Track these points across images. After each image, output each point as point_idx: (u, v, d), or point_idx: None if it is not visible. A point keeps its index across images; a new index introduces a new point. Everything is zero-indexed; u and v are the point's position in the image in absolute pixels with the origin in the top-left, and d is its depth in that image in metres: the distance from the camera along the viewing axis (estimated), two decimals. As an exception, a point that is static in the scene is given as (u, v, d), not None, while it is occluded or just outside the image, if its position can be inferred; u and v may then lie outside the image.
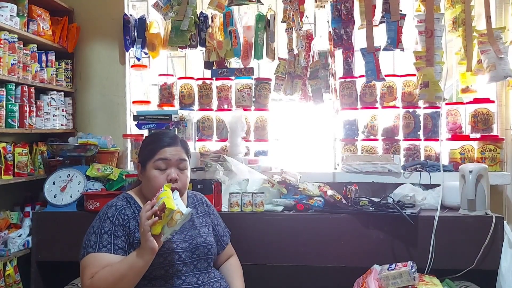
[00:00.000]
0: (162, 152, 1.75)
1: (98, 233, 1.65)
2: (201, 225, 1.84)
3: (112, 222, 1.66)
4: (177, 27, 2.83)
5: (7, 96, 2.51)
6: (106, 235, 1.64)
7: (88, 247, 1.64)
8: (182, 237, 1.74)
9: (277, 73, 2.87)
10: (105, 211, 1.71)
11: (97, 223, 1.69)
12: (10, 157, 2.52)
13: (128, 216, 1.70)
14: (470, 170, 2.25)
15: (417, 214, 2.25)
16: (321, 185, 2.46)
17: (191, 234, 1.77)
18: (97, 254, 1.62)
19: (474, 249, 2.19)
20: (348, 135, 2.89)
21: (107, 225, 1.66)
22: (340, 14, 2.79)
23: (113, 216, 1.68)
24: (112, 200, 1.76)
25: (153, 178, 1.73)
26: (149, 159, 1.75)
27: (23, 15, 2.66)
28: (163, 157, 1.74)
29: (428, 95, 2.54)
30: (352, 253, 2.28)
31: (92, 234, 1.67)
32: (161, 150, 1.75)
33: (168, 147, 1.76)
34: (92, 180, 2.65)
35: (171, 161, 1.75)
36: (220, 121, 3.04)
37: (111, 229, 1.65)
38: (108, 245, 1.63)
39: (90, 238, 1.66)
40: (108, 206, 1.73)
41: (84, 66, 3.17)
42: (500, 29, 2.59)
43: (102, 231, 1.65)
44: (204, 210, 1.91)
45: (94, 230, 1.67)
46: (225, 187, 2.52)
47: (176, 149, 1.78)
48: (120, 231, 1.66)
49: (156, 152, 1.75)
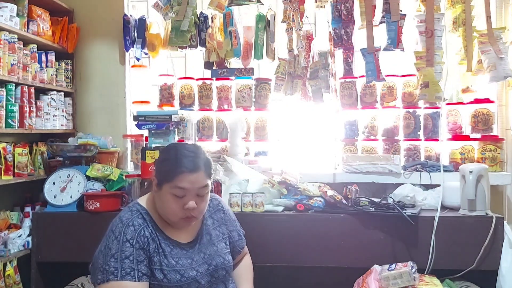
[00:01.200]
0: (181, 179, 1.54)
1: (119, 258, 1.49)
2: (218, 239, 1.74)
3: (132, 246, 1.51)
4: (177, 27, 2.83)
5: (7, 96, 2.51)
6: (128, 260, 1.50)
7: (108, 272, 1.48)
8: (201, 258, 1.65)
9: (277, 73, 2.86)
10: (122, 231, 1.53)
11: (115, 244, 1.51)
12: (10, 157, 2.52)
13: (148, 238, 1.56)
14: (470, 170, 2.25)
15: (417, 214, 2.25)
16: (321, 186, 2.46)
17: (209, 252, 1.68)
18: (121, 283, 1.48)
19: (474, 249, 2.19)
20: (348, 135, 2.89)
21: (127, 248, 1.51)
22: (340, 14, 2.79)
23: (133, 239, 1.52)
24: (126, 215, 1.59)
25: (168, 204, 1.56)
26: (165, 181, 1.56)
27: (23, 15, 2.66)
28: (182, 186, 1.54)
29: (428, 95, 2.54)
30: (352, 253, 2.28)
31: (110, 257, 1.50)
32: (180, 176, 1.54)
33: (189, 173, 1.54)
34: (92, 180, 2.64)
35: (190, 190, 1.56)
36: (220, 121, 3.03)
37: (133, 253, 1.51)
38: (131, 272, 1.49)
39: (109, 263, 1.49)
40: (124, 224, 1.55)
41: (84, 66, 3.17)
42: (500, 29, 2.59)
43: (122, 256, 1.49)
44: (220, 219, 1.79)
45: (112, 254, 1.50)
46: (225, 188, 2.51)
47: (197, 176, 1.56)
48: (142, 255, 1.53)
49: (174, 177, 1.54)
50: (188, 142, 1.97)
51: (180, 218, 1.58)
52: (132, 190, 2.57)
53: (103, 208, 2.43)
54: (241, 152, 2.86)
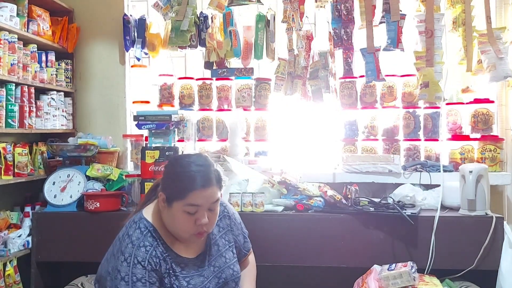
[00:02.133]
0: (194, 197, 1.49)
1: (130, 281, 1.45)
2: (225, 248, 1.71)
3: (144, 268, 1.47)
4: (177, 27, 2.83)
5: (7, 96, 2.51)
6: (140, 283, 1.45)
7: None
8: (211, 271, 1.63)
9: (277, 73, 2.86)
10: (133, 253, 1.48)
11: (125, 267, 1.46)
12: (10, 157, 2.52)
13: (159, 258, 1.51)
14: (470, 170, 2.25)
15: (417, 214, 2.25)
16: (321, 185, 2.46)
17: (219, 265, 1.66)
18: None
19: (474, 249, 2.19)
20: (348, 135, 2.89)
21: (139, 271, 1.46)
22: (340, 14, 2.79)
23: (145, 261, 1.48)
24: (136, 235, 1.53)
25: (180, 221, 1.51)
26: (177, 199, 1.50)
27: (23, 15, 2.66)
28: (195, 204, 1.49)
29: (428, 95, 2.54)
30: (352, 253, 2.28)
31: (120, 280, 1.45)
32: (193, 193, 1.49)
33: (202, 190, 1.49)
34: (92, 180, 2.65)
35: (203, 206, 1.51)
36: (220, 121, 3.03)
37: (145, 275, 1.46)
38: None
39: (119, 286, 1.45)
40: (135, 245, 1.50)
41: (84, 66, 3.17)
42: (500, 29, 2.59)
43: (134, 279, 1.45)
44: (226, 225, 1.75)
45: (122, 277, 1.45)
46: (225, 187, 2.51)
47: (210, 191, 1.51)
48: (154, 276, 1.49)
49: (186, 195, 1.49)
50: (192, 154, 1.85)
51: (191, 234, 1.54)
52: (132, 190, 2.58)
53: (103, 208, 2.43)
54: (241, 152, 2.86)
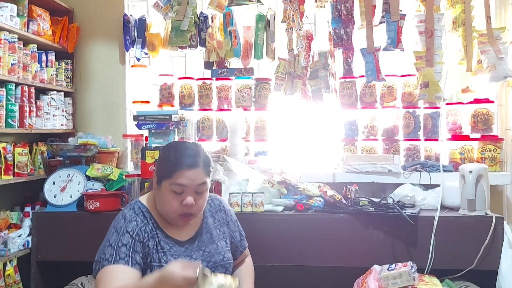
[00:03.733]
0: (179, 176, 1.55)
1: (115, 246, 1.52)
2: (218, 237, 1.75)
3: (132, 237, 1.54)
4: (177, 27, 2.83)
5: (7, 96, 2.51)
6: (124, 248, 1.52)
7: (103, 260, 1.51)
8: (200, 255, 1.66)
9: (277, 73, 2.87)
10: (123, 225, 1.57)
11: (114, 236, 1.55)
12: (10, 157, 2.52)
13: (148, 234, 1.58)
14: (470, 170, 2.25)
15: (417, 214, 2.25)
16: (321, 185, 2.46)
17: (209, 249, 1.69)
18: (113, 267, 1.49)
19: (474, 249, 2.19)
20: (348, 135, 2.89)
21: (126, 238, 1.54)
22: (340, 14, 2.80)
23: (133, 231, 1.55)
24: (129, 212, 1.62)
25: (167, 201, 1.58)
26: (165, 178, 1.58)
27: (23, 15, 2.66)
28: (180, 183, 1.55)
29: (428, 95, 2.55)
30: (352, 253, 2.28)
31: (108, 247, 1.53)
32: (179, 173, 1.55)
33: (188, 170, 1.56)
34: (92, 180, 2.65)
35: (189, 187, 1.57)
36: (220, 121, 3.04)
37: (130, 242, 1.53)
38: (125, 258, 1.51)
39: (106, 251, 1.52)
40: (126, 220, 1.58)
41: (84, 66, 3.17)
42: (500, 29, 2.59)
43: (119, 244, 1.52)
44: (221, 219, 1.80)
45: (110, 243, 1.54)
46: (225, 187, 2.52)
47: (196, 172, 1.57)
48: (139, 247, 1.55)
49: (173, 174, 1.56)
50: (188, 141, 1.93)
51: (178, 215, 1.59)
52: (132, 190, 2.58)
53: (103, 207, 2.43)
54: (241, 152, 2.86)
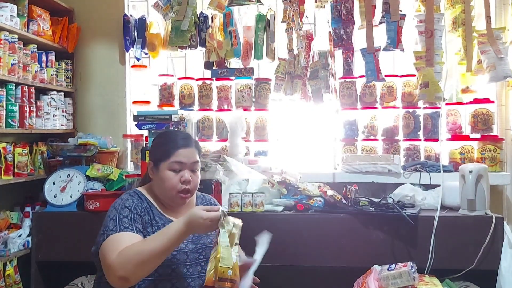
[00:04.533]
0: (177, 154, 1.72)
1: (117, 219, 1.61)
2: None
3: (130, 210, 1.64)
4: (177, 27, 2.83)
5: (7, 96, 2.51)
6: (126, 219, 1.61)
7: (107, 231, 1.59)
8: (189, 238, 1.72)
9: (277, 73, 2.87)
10: (121, 202, 1.68)
11: (114, 211, 1.65)
12: (10, 157, 2.52)
13: (144, 210, 1.69)
14: (470, 170, 2.25)
15: (417, 214, 2.25)
16: (321, 185, 2.46)
17: (198, 234, 1.75)
18: (119, 234, 1.57)
19: (474, 249, 2.20)
20: (348, 135, 2.89)
21: (125, 211, 1.63)
22: (340, 14, 2.80)
23: (131, 206, 1.66)
24: (125, 195, 1.74)
25: (167, 179, 1.71)
26: (163, 160, 1.73)
27: (23, 15, 2.66)
28: (178, 160, 1.72)
29: (428, 95, 2.54)
30: (352, 253, 2.28)
31: (109, 220, 1.62)
32: (176, 152, 1.73)
33: (183, 148, 1.74)
34: (92, 180, 2.65)
35: (186, 164, 1.73)
36: (220, 121, 3.04)
37: (130, 215, 1.63)
38: (129, 226, 1.60)
39: (108, 225, 1.61)
40: (123, 199, 1.70)
41: (84, 66, 3.17)
42: (500, 29, 2.59)
43: (120, 216, 1.62)
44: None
45: (111, 217, 1.63)
46: (225, 187, 2.52)
47: (190, 150, 1.75)
48: (138, 219, 1.64)
49: (171, 153, 1.73)
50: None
51: (177, 192, 1.71)
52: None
53: (103, 208, 2.43)
54: (241, 152, 2.86)
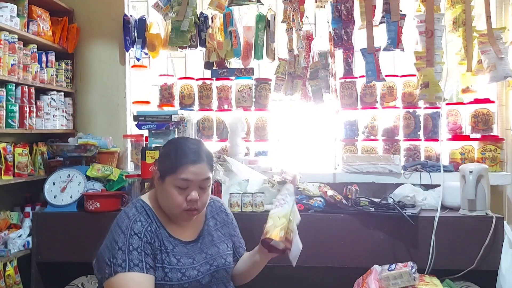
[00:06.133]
0: (184, 171, 1.55)
1: (126, 250, 1.48)
2: (220, 240, 1.73)
3: (140, 239, 1.52)
4: (177, 27, 2.83)
5: (7, 96, 2.51)
6: (136, 252, 1.49)
7: (115, 265, 1.47)
8: (203, 257, 1.64)
9: (277, 73, 2.87)
10: (129, 225, 1.54)
11: (122, 238, 1.51)
12: (10, 157, 2.52)
13: (153, 234, 1.56)
14: (470, 170, 2.25)
15: (418, 214, 2.25)
16: (321, 186, 2.46)
17: (211, 253, 1.67)
18: (129, 274, 1.46)
19: (474, 249, 2.19)
20: (348, 135, 2.89)
21: (135, 241, 1.50)
22: (340, 14, 2.80)
23: (141, 233, 1.53)
24: (132, 211, 1.59)
25: (172, 197, 1.57)
26: (169, 174, 1.57)
27: (23, 16, 2.66)
28: (185, 178, 1.55)
29: (428, 95, 2.54)
30: (352, 253, 2.28)
31: (118, 250, 1.49)
32: (184, 168, 1.56)
33: (192, 165, 1.56)
34: (92, 180, 2.64)
35: (194, 182, 1.57)
36: (220, 121, 3.04)
37: (141, 246, 1.50)
38: (139, 264, 1.48)
39: (117, 256, 1.48)
40: (131, 220, 1.55)
41: (84, 67, 3.17)
42: (500, 29, 2.59)
43: (130, 248, 1.49)
44: (223, 220, 1.79)
45: (120, 246, 1.49)
46: (225, 188, 2.51)
47: (200, 167, 1.58)
48: (149, 249, 1.53)
49: (178, 169, 1.56)
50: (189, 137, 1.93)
51: (183, 210, 1.58)
52: (132, 190, 2.57)
53: (103, 208, 2.43)
54: (241, 152, 2.86)
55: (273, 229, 1.57)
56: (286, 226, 1.58)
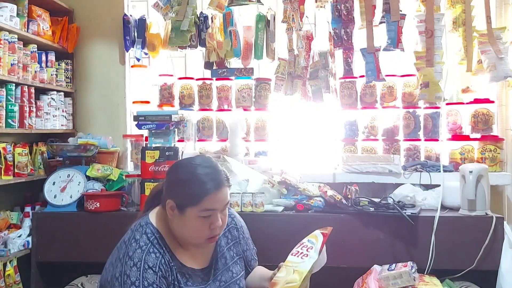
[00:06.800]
0: (209, 201, 1.46)
1: (141, 285, 1.41)
2: (233, 261, 1.68)
3: (155, 273, 1.43)
4: (177, 27, 2.83)
5: (7, 96, 2.51)
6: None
7: None
8: (216, 286, 1.58)
9: (277, 73, 2.86)
10: (143, 258, 1.44)
11: (135, 272, 1.42)
12: (10, 157, 2.52)
13: (167, 266, 1.48)
14: (470, 170, 2.25)
15: (417, 214, 2.25)
16: (321, 185, 2.46)
17: (225, 279, 1.61)
18: None
19: (474, 249, 2.19)
20: (348, 135, 2.89)
21: (150, 276, 1.42)
22: (340, 14, 2.80)
23: (155, 266, 1.44)
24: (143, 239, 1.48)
25: (195, 228, 1.48)
26: (190, 205, 1.46)
27: (23, 15, 2.66)
28: (210, 208, 1.47)
29: (428, 95, 2.54)
30: (352, 253, 2.27)
31: (131, 285, 1.41)
32: (207, 198, 1.46)
33: (215, 193, 1.47)
34: (92, 180, 2.65)
35: (218, 209, 1.49)
36: (220, 121, 3.04)
37: (156, 281, 1.43)
38: None
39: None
40: (144, 251, 1.46)
41: (84, 66, 3.17)
42: (500, 29, 2.59)
43: (145, 283, 1.41)
44: (234, 238, 1.72)
45: (133, 281, 1.41)
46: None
47: (223, 192, 1.50)
48: (164, 283, 1.45)
49: (201, 199, 1.46)
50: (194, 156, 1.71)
51: (206, 239, 1.52)
52: (132, 190, 2.58)
53: (103, 208, 2.43)
54: (241, 152, 2.85)
55: (283, 284, 1.47)
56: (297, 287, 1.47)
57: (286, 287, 1.46)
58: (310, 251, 1.57)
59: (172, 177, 1.55)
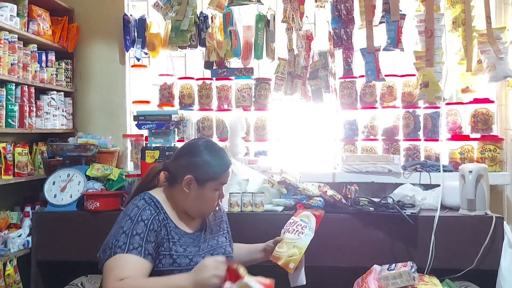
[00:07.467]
0: (225, 175, 1.71)
1: (129, 234, 1.53)
2: (218, 233, 1.81)
3: (146, 226, 1.56)
4: (177, 27, 2.83)
5: (7, 96, 2.51)
6: (138, 237, 1.53)
7: (116, 247, 1.51)
8: (206, 246, 1.71)
9: (277, 73, 2.87)
10: (138, 213, 1.58)
11: (128, 223, 1.56)
12: (10, 157, 2.52)
13: (161, 223, 1.60)
14: (470, 170, 2.25)
15: (417, 214, 2.25)
16: (321, 185, 2.46)
17: (211, 244, 1.74)
18: (126, 256, 1.50)
19: (474, 249, 2.19)
20: (348, 135, 2.89)
21: (140, 227, 1.55)
22: (340, 14, 2.80)
23: (148, 220, 1.57)
24: (140, 202, 1.63)
25: (211, 199, 1.69)
26: (211, 180, 1.67)
27: (23, 15, 2.66)
28: (224, 182, 1.72)
29: (428, 95, 2.54)
30: (352, 253, 2.28)
31: (121, 234, 1.54)
32: (225, 173, 1.71)
33: (229, 168, 1.72)
34: (92, 180, 2.65)
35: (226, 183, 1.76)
36: (220, 121, 3.04)
37: (144, 232, 1.54)
38: (138, 248, 1.52)
39: (119, 239, 1.53)
40: (140, 208, 1.60)
41: (84, 66, 3.17)
42: (500, 29, 2.59)
43: (133, 232, 1.53)
44: (220, 217, 1.87)
45: (124, 231, 1.54)
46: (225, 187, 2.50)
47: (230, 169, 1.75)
48: (153, 236, 1.56)
49: (221, 174, 1.69)
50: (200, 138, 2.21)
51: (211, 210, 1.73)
52: (132, 190, 2.57)
53: (103, 207, 2.43)
54: (241, 151, 2.86)
55: (286, 257, 1.69)
56: (298, 260, 1.68)
57: (289, 260, 1.68)
58: (305, 229, 1.78)
59: (195, 155, 1.70)
